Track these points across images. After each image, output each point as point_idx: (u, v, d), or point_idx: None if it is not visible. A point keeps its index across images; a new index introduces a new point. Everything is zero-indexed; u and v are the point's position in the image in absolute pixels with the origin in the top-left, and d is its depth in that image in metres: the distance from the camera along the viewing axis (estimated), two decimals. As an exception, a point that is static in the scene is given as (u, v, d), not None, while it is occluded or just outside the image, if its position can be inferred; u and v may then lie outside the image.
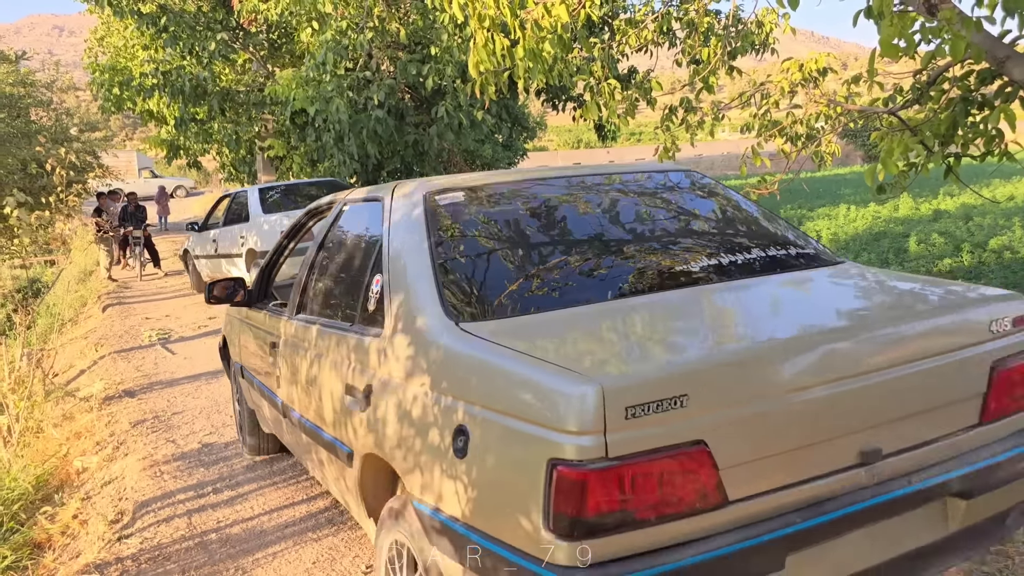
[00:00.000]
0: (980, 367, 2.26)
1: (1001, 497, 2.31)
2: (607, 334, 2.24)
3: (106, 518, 4.32)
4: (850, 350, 2.07)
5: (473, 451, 2.02)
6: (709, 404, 1.83)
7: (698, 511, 1.82)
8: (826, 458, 2.02)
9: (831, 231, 12.20)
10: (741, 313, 2.47)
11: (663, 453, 1.77)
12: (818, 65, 4.77)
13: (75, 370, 8.63)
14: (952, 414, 2.25)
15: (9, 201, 7.44)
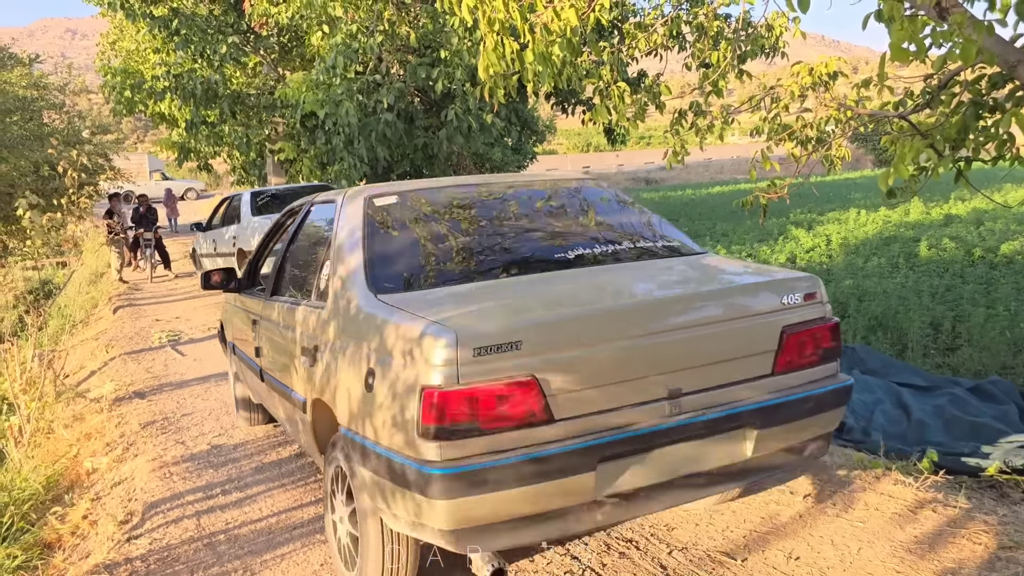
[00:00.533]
0: (772, 330, 2.99)
1: (790, 431, 3.04)
2: (477, 301, 2.96)
3: (116, 519, 4.34)
4: (660, 313, 2.85)
5: (377, 386, 2.76)
6: (539, 350, 2.57)
7: (529, 425, 2.56)
8: (637, 392, 2.73)
9: (841, 235, 12.15)
10: (585, 287, 3.12)
11: (501, 383, 2.51)
12: (828, 69, 4.75)
13: (86, 371, 8.67)
14: (748, 365, 2.96)
15: (21, 203, 7.49)
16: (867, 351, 6.24)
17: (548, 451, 2.57)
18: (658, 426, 2.74)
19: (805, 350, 3.07)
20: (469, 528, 2.61)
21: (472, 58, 11.26)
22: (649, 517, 3.86)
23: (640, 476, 2.77)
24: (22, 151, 9.98)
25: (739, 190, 31.26)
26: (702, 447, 2.87)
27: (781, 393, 3.00)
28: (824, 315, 3.16)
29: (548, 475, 2.58)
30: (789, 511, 3.81)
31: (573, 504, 2.71)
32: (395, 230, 3.48)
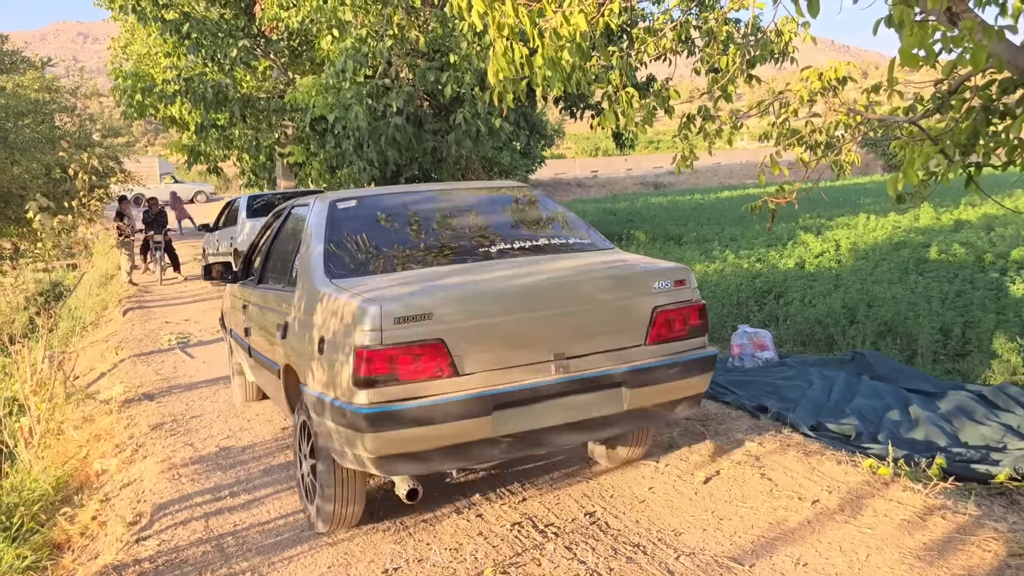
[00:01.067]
0: (645, 309, 3.78)
1: (660, 390, 3.79)
2: (405, 284, 3.64)
3: (124, 520, 4.35)
4: (550, 293, 3.63)
5: (326, 350, 3.53)
6: (446, 320, 3.35)
7: (437, 377, 3.33)
8: (529, 355, 3.51)
9: (850, 240, 12.10)
10: (496, 274, 3.81)
11: (416, 344, 3.29)
12: (838, 74, 4.74)
13: (95, 373, 8.71)
14: (625, 336, 3.73)
15: (32, 206, 7.54)
16: (876, 357, 6.22)
17: (452, 398, 3.35)
18: (545, 382, 3.53)
19: (674, 326, 3.88)
20: (391, 456, 3.38)
21: (481, 62, 11.28)
22: (655, 522, 3.86)
23: (530, 421, 3.53)
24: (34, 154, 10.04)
25: (748, 195, 31.19)
26: (584, 400, 3.63)
27: (652, 360, 3.78)
28: (692, 298, 3.96)
29: (452, 417, 3.35)
30: (797, 517, 3.80)
31: (474, 440, 3.46)
32: (351, 228, 4.24)
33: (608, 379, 3.66)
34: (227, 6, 13.70)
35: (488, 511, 4.10)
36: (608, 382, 3.66)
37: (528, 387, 3.50)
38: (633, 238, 17.23)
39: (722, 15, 5.98)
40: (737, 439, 4.84)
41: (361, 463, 3.46)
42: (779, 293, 8.52)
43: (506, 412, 3.45)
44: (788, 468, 4.35)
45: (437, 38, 12.04)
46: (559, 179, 53.83)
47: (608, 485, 4.35)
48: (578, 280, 3.79)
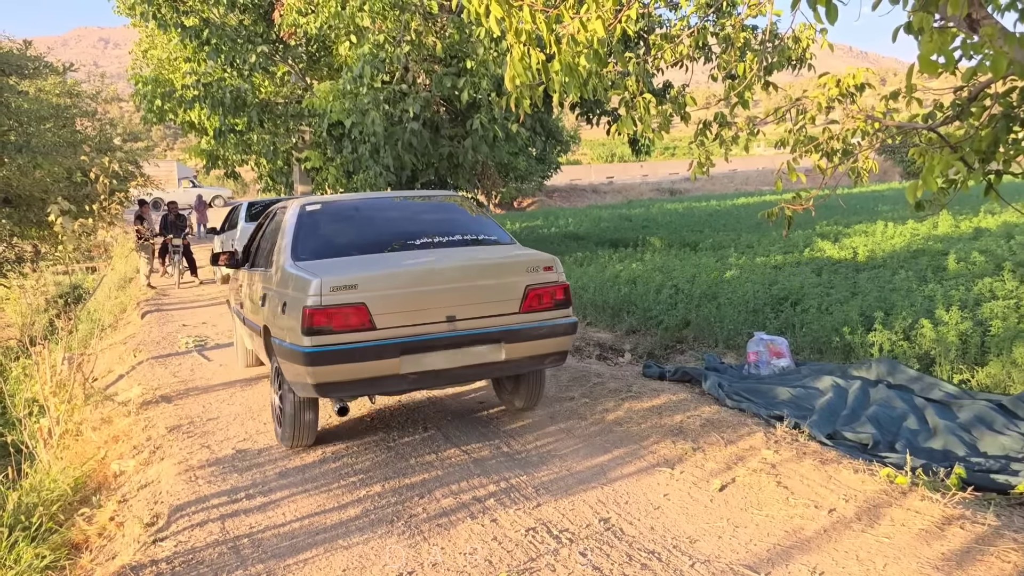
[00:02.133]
0: (519, 287, 5.03)
1: (530, 346, 5.03)
2: (345, 265, 4.98)
3: (142, 521, 4.38)
4: (446, 272, 4.94)
5: (287, 310, 4.86)
6: (368, 290, 4.64)
7: (361, 330, 4.60)
8: (428, 316, 4.78)
9: (868, 247, 12.03)
10: (414, 258, 5.14)
11: (345, 306, 4.57)
12: (856, 80, 4.72)
13: (114, 375, 8.78)
14: (503, 306, 4.99)
15: (54, 209, 7.63)
16: (893, 365, 6.17)
17: (370, 344, 4.67)
18: (439, 335, 4.83)
19: (542, 300, 5.13)
20: (326, 383, 4.69)
21: (498, 68, 11.30)
22: (670, 529, 3.85)
23: (428, 363, 4.83)
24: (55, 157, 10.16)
25: (764, 202, 31.05)
26: (471, 351, 4.93)
27: (523, 323, 5.06)
28: (557, 280, 5.22)
29: (369, 357, 4.68)
30: (814, 525, 3.78)
31: (387, 375, 4.76)
32: (314, 225, 5.57)
33: (489, 336, 4.97)
34: (246, 12, 13.81)
35: (502, 516, 4.10)
36: (489, 338, 4.97)
37: (426, 339, 4.81)
38: (648, 244, 17.19)
39: (739, 21, 5.97)
40: (753, 447, 4.82)
41: (308, 390, 4.79)
42: (795, 300, 8.47)
43: (410, 356, 4.79)
44: (804, 476, 4.32)
45: (454, 44, 12.08)
46: (575, 185, 53.80)
47: (623, 491, 4.35)
48: (470, 264, 5.17)
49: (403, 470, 4.85)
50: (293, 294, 4.88)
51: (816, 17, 3.34)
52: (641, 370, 7.26)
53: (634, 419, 5.53)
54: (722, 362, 7.34)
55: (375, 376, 4.75)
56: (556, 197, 49.20)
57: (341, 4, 11.84)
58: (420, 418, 5.88)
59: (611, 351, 8.72)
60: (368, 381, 4.77)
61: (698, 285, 9.71)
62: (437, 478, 4.69)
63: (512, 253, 5.45)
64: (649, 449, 4.96)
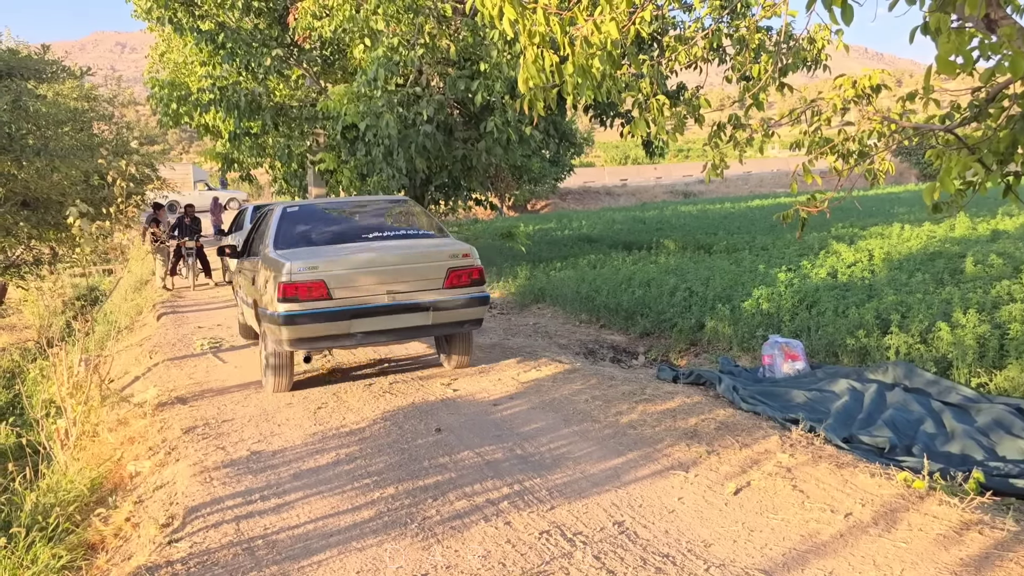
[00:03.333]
0: (443, 269, 6.64)
1: (451, 314, 6.66)
2: (311, 252, 6.63)
3: (157, 522, 4.41)
4: (387, 258, 6.58)
5: (268, 286, 6.57)
6: (326, 271, 6.35)
7: (320, 299, 6.30)
8: (373, 291, 6.44)
9: (884, 250, 11.94)
10: (366, 248, 6.74)
11: (308, 282, 6.27)
12: (872, 82, 4.69)
13: (130, 376, 8.84)
14: (430, 284, 6.59)
15: (72, 211, 7.68)
16: (910, 368, 6.12)
17: (327, 309, 6.31)
18: (380, 304, 6.45)
19: (461, 279, 6.73)
20: (295, 339, 6.36)
21: (511, 71, 11.31)
22: (685, 532, 3.83)
23: (372, 325, 6.48)
24: (73, 161, 10.24)
25: (779, 204, 30.90)
26: (405, 316, 6.56)
27: (445, 297, 6.67)
28: (473, 264, 6.80)
29: (326, 319, 6.31)
30: (829, 529, 3.75)
31: (340, 334, 6.43)
32: (292, 222, 7.29)
33: (419, 306, 6.62)
34: (261, 16, 13.88)
35: (516, 519, 4.10)
36: (419, 307, 6.62)
37: (371, 307, 6.49)
38: (662, 247, 17.14)
39: (754, 23, 5.94)
40: (768, 450, 4.79)
41: (283, 345, 6.51)
42: (811, 303, 8.42)
43: (358, 320, 6.46)
44: (820, 480, 4.29)
45: (468, 47, 12.10)
46: (588, 187, 53.76)
47: (637, 494, 4.33)
48: (405, 253, 6.78)
49: (416, 472, 4.85)
50: (272, 273, 6.53)
51: (832, 18, 3.32)
52: (655, 373, 7.24)
53: (648, 422, 5.52)
54: (736, 365, 7.30)
55: (332, 334, 6.48)
56: (570, 200, 49.17)
57: (355, 8, 11.88)
58: (433, 420, 5.89)
59: (625, 354, 8.70)
60: (327, 337, 6.51)
61: (712, 287, 9.67)
62: (450, 480, 4.69)
63: (439, 244, 7.01)
64: (663, 452, 4.94)
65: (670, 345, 8.62)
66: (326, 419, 6.10)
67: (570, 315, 10.86)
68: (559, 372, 7.09)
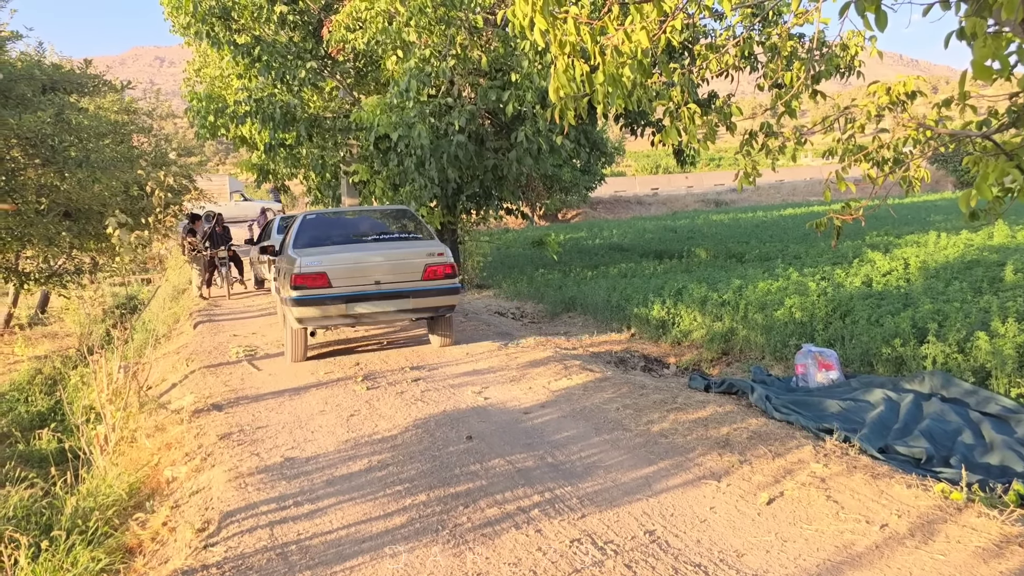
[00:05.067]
0: (421, 265, 8.34)
1: (428, 301, 8.35)
2: (321, 251, 8.41)
3: (193, 526, 4.48)
4: (377, 256, 8.41)
5: (285, 276, 8.50)
6: (328, 265, 8.15)
7: (322, 287, 8.10)
8: (364, 281, 8.21)
9: (920, 258, 11.76)
10: (364, 248, 8.66)
11: (312, 273, 8.08)
12: (907, 88, 4.65)
13: (167, 383, 8.99)
14: (411, 276, 8.31)
15: (111, 221, 7.86)
16: (947, 378, 6.02)
17: (328, 295, 8.06)
18: (370, 291, 8.12)
19: (436, 273, 8.26)
20: (304, 318, 8.13)
21: (542, 80, 11.35)
22: (717, 542, 3.81)
23: (364, 308, 8.14)
24: (113, 172, 10.48)
25: (812, 212, 30.56)
26: (391, 301, 8.18)
27: (423, 286, 8.25)
28: (446, 261, 8.32)
29: (327, 303, 8.06)
30: (865, 541, 3.70)
31: (338, 315, 8.16)
32: (309, 227, 9.04)
33: (401, 293, 8.23)
34: (296, 29, 14.09)
35: (547, 526, 4.10)
36: (401, 295, 8.23)
37: (362, 293, 8.14)
38: (694, 255, 17.04)
39: (786, 30, 5.92)
40: (801, 460, 4.75)
41: (295, 323, 8.28)
42: (845, 312, 8.32)
43: (352, 303, 8.13)
44: (855, 491, 4.24)
45: (499, 57, 12.17)
46: (619, 196, 53.63)
47: (669, 504, 4.31)
48: (391, 252, 8.51)
49: (448, 479, 4.88)
50: (289, 267, 8.31)
51: (865, 24, 3.31)
52: (686, 382, 7.20)
53: (679, 431, 5.49)
54: (769, 374, 7.24)
55: (331, 315, 8.17)
56: (600, 209, 49.08)
57: (388, 20, 12.02)
58: (464, 428, 5.91)
59: (656, 362, 8.66)
60: (328, 317, 8.21)
61: (744, 297, 9.60)
62: (481, 488, 4.70)
63: (419, 245, 8.68)
64: (695, 461, 4.92)
65: (701, 354, 8.56)
66: (359, 426, 6.15)
67: (601, 324, 10.84)
68: (590, 380, 7.08)
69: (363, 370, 8.11)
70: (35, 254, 13.32)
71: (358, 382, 7.57)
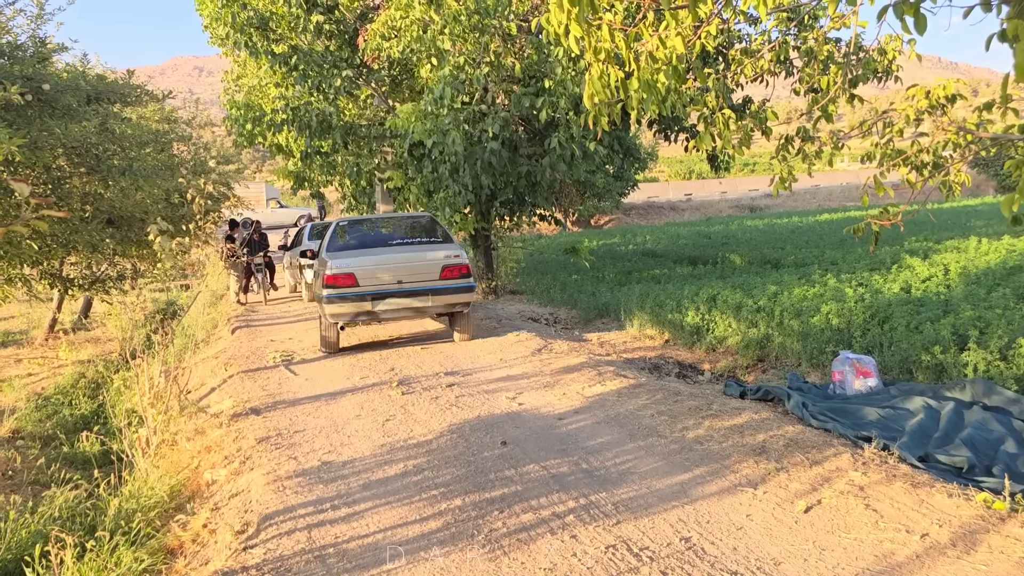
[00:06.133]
0: (439, 266, 9.37)
1: (445, 299, 9.39)
2: (350, 255, 9.50)
3: (233, 528, 4.55)
4: (400, 258, 9.44)
5: (320, 277, 9.55)
6: (355, 268, 9.21)
7: (351, 287, 9.17)
8: (387, 280, 9.24)
9: (960, 264, 11.55)
10: (390, 251, 9.60)
11: (343, 274, 9.17)
12: (946, 92, 4.59)
13: (206, 388, 9.14)
14: (430, 276, 9.34)
15: (153, 229, 8.02)
16: (989, 386, 5.92)
17: (356, 292, 9.11)
18: (392, 290, 9.18)
19: (452, 273, 9.30)
20: (335, 314, 9.23)
21: (576, 87, 11.37)
22: (753, 550, 3.79)
23: (388, 306, 9.19)
24: (155, 180, 10.70)
25: (849, 218, 30.15)
26: (411, 299, 9.22)
27: (441, 285, 9.29)
28: (462, 262, 9.37)
29: (355, 300, 9.12)
30: (905, 550, 3.66)
31: (364, 311, 9.20)
32: (341, 233, 10.24)
33: (421, 292, 9.19)
34: (332, 38, 14.26)
35: (582, 532, 4.11)
36: (421, 293, 9.20)
37: (385, 291, 9.11)
38: (728, 261, 16.91)
39: (822, 34, 5.87)
40: (839, 468, 4.69)
41: (327, 319, 9.33)
42: (883, 318, 8.20)
43: (377, 300, 9.09)
44: (895, 499, 4.19)
45: (532, 64, 12.21)
46: (652, 202, 53.38)
47: (704, 511, 4.29)
48: (412, 254, 9.49)
49: (482, 484, 4.91)
50: (322, 269, 9.39)
51: (904, 28, 3.28)
52: (721, 388, 7.15)
53: (715, 438, 5.46)
54: (806, 381, 7.17)
55: (358, 311, 9.17)
56: (633, 215, 48.89)
57: (423, 28, 12.13)
58: (499, 433, 5.94)
59: (690, 369, 8.61)
60: (355, 313, 9.19)
61: (780, 303, 9.51)
62: (516, 493, 4.72)
63: (438, 248, 9.64)
64: (731, 468, 4.89)
65: (736, 361, 8.50)
66: (394, 431, 6.21)
67: (634, 329, 10.80)
68: (624, 387, 7.07)
69: (398, 375, 8.18)
70: (79, 260, 13.62)
71: (393, 387, 7.63)
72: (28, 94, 8.23)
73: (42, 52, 9.45)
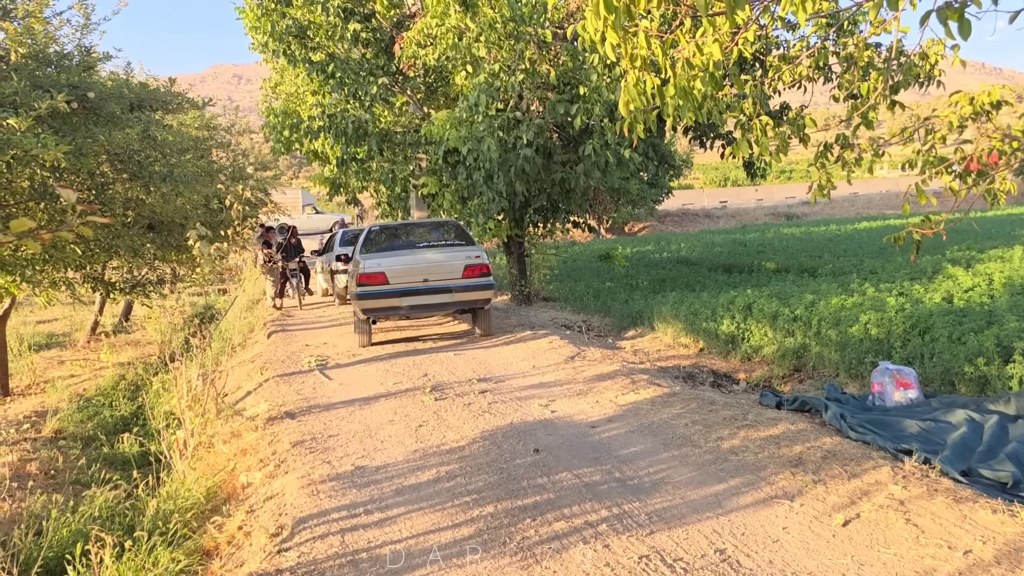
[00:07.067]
0: (462, 265, 10.42)
1: (468, 295, 10.45)
2: (381, 256, 10.57)
3: (267, 531, 4.60)
4: (427, 258, 10.49)
5: (353, 276, 10.95)
6: (386, 267, 10.29)
7: (382, 284, 10.25)
8: (415, 279, 10.31)
9: (1005, 274, 11.29)
10: (418, 253, 10.64)
11: (375, 273, 10.25)
12: (991, 98, 4.50)
13: (243, 391, 9.25)
14: (454, 274, 10.39)
15: (192, 234, 8.15)
16: (1036, 399, 5.76)
17: (385, 290, 10.18)
18: (419, 287, 10.24)
19: (474, 272, 10.36)
20: (367, 309, 10.34)
21: (611, 94, 11.34)
22: (790, 563, 3.73)
23: (415, 301, 10.26)
24: (194, 186, 10.88)
25: (888, 226, 29.66)
26: (436, 296, 10.29)
27: (463, 282, 10.33)
28: (483, 261, 10.44)
29: (385, 297, 10.18)
30: (947, 567, 3.57)
31: (393, 307, 10.24)
32: (372, 237, 11.37)
33: (445, 289, 10.20)
34: (369, 46, 14.41)
35: (615, 542, 4.08)
36: (445, 290, 10.20)
37: (413, 289, 10.16)
38: (764, 269, 16.72)
39: (862, 40, 5.79)
40: (879, 481, 4.61)
41: (360, 314, 10.50)
42: (924, 329, 8.04)
43: (405, 297, 10.15)
44: (936, 514, 4.10)
45: (567, 71, 12.21)
46: (686, 209, 53.03)
47: (739, 522, 4.24)
48: (437, 255, 10.43)
49: (515, 492, 4.90)
50: (356, 269, 10.47)
51: (947, 33, 3.22)
52: (757, 398, 7.07)
53: (750, 448, 5.39)
54: (843, 392, 7.05)
55: (388, 306, 10.13)
56: (668, 222, 48.60)
57: (458, 36, 12.20)
58: (531, 441, 5.92)
59: (725, 378, 8.52)
60: (385, 308, 10.16)
61: (817, 312, 9.37)
62: (549, 501, 4.71)
63: (461, 250, 10.56)
64: (767, 480, 4.82)
65: (772, 370, 8.39)
66: (427, 437, 6.23)
67: (668, 338, 10.72)
68: (658, 395, 7.01)
69: (431, 381, 8.20)
70: (120, 265, 13.86)
71: (426, 393, 7.66)
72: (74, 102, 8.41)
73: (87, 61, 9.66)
